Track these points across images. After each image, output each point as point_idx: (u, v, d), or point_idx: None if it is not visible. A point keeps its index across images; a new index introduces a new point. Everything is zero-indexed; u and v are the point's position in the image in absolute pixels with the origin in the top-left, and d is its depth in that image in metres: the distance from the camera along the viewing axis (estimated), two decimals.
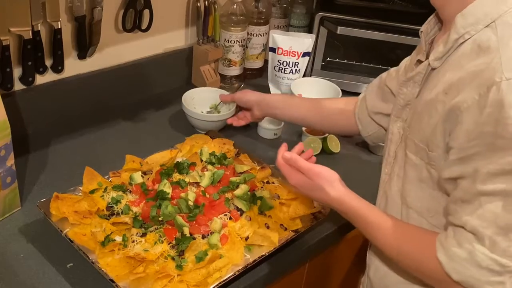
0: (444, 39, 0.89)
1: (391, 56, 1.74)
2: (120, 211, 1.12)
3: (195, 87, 1.69)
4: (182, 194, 1.15)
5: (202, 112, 1.50)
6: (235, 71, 1.74)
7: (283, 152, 1.05)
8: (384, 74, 1.19)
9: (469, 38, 0.84)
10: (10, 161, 1.09)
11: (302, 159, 1.03)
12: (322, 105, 1.32)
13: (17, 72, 1.34)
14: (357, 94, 1.73)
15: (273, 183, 1.25)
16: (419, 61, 0.97)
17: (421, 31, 0.99)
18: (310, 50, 1.66)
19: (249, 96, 1.40)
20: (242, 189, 1.18)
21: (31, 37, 1.28)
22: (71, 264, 1.04)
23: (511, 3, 0.84)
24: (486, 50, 0.81)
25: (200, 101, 1.53)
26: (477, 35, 0.84)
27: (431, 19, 0.98)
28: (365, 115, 1.22)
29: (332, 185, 0.99)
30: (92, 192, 1.15)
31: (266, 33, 1.76)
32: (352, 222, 1.01)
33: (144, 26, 1.53)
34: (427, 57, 0.94)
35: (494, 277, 0.80)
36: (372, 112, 1.20)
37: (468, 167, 0.80)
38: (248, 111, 1.43)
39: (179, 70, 1.70)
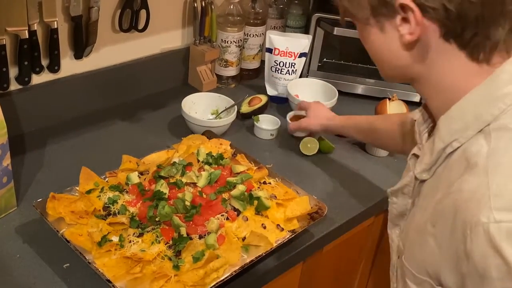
0: (430, 146, 0.75)
1: None
2: (116, 211, 1.11)
3: (192, 87, 1.70)
4: (179, 195, 1.15)
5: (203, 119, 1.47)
6: (231, 71, 1.74)
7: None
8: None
9: (458, 147, 0.69)
10: (7, 161, 1.08)
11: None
12: (376, 129, 1.29)
13: (13, 72, 1.33)
14: (354, 95, 1.76)
15: (269, 183, 1.25)
16: (415, 155, 0.82)
17: (414, 120, 0.83)
18: (306, 50, 1.67)
19: (315, 126, 1.42)
20: (239, 189, 1.18)
21: (27, 36, 1.27)
22: (68, 264, 1.04)
23: (510, 100, 0.67)
24: (473, 167, 0.65)
25: (201, 107, 1.52)
26: (467, 144, 0.68)
27: (425, 105, 0.81)
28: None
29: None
30: (88, 192, 1.15)
31: (262, 33, 1.76)
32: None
33: (140, 26, 1.53)
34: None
35: None
36: None
37: None
38: None
39: (175, 70, 1.70)
